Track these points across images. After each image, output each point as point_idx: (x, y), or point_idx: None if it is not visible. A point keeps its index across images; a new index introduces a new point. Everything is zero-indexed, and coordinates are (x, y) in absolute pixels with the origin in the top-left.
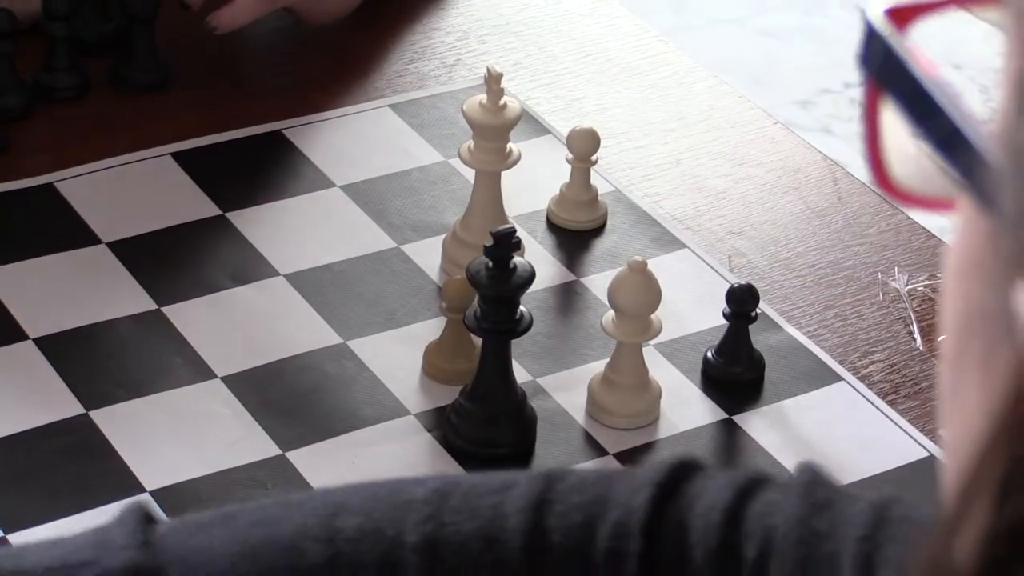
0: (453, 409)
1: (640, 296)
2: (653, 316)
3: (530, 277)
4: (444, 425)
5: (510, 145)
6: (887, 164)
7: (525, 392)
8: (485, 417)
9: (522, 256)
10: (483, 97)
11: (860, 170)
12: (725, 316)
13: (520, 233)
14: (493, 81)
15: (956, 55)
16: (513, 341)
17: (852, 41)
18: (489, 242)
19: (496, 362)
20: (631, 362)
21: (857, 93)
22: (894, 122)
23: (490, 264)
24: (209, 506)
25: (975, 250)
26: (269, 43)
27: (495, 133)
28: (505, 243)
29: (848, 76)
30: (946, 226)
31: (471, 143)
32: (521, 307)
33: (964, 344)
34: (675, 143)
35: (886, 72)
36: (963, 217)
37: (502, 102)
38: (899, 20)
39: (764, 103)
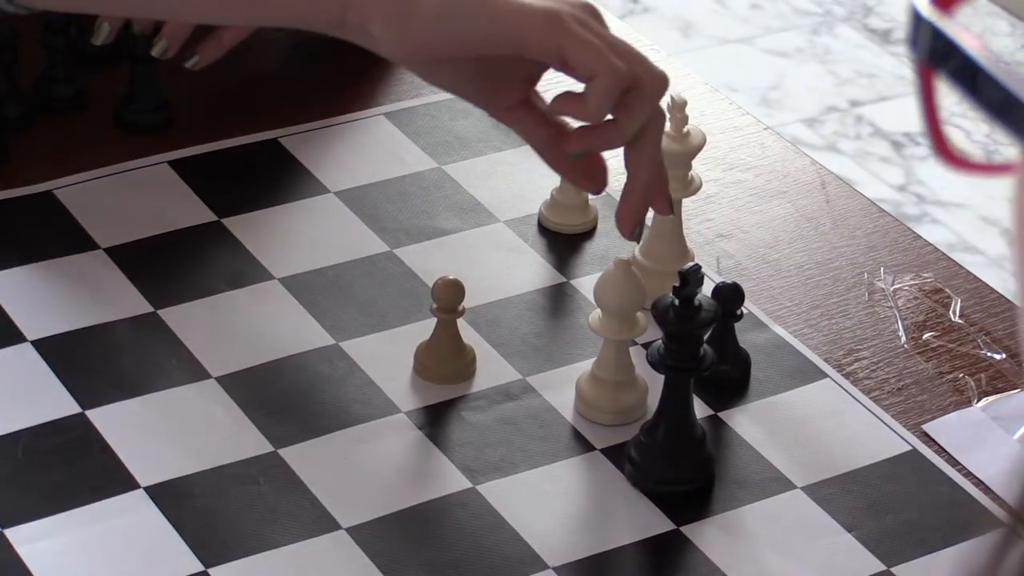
0: (633, 445)
1: (625, 294)
2: (639, 314)
3: (716, 316)
4: (624, 461)
5: (691, 172)
6: (946, 137)
7: (704, 430)
8: (666, 454)
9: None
10: (666, 125)
11: (865, 189)
12: None
13: (511, 236)
14: (677, 109)
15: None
16: (501, 340)
17: (858, 60)
18: (670, 268)
19: (678, 400)
20: (617, 359)
21: (863, 111)
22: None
23: (676, 302)
24: (203, 502)
25: None
26: (266, 53)
27: (679, 160)
28: (693, 280)
29: (854, 95)
30: (952, 242)
31: None
32: (704, 345)
33: None
34: None
35: (935, 52)
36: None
37: (685, 130)
38: (942, 6)
39: (771, 122)
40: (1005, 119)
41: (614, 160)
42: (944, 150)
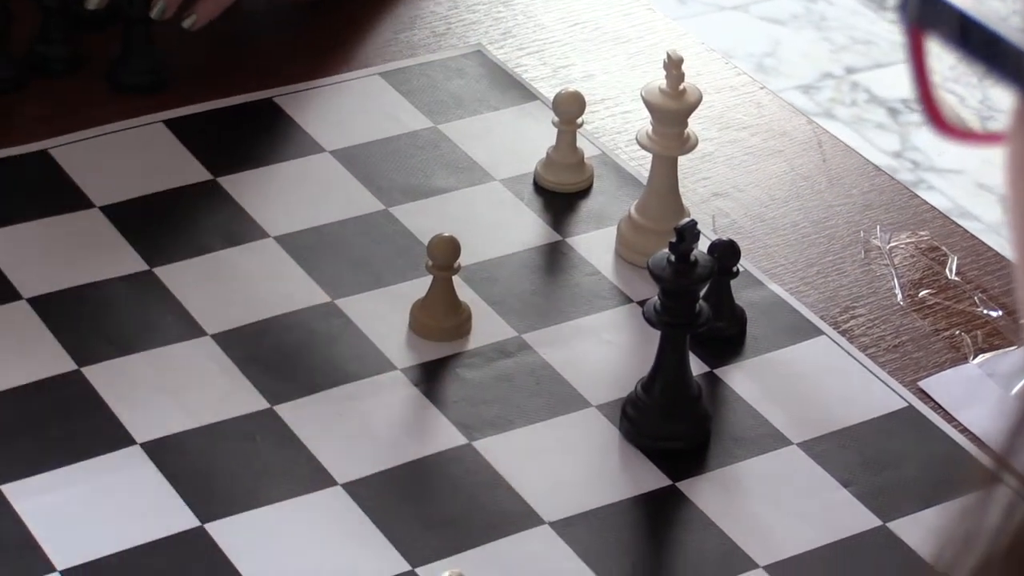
0: (629, 401)
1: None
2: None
3: (711, 271)
4: (621, 418)
5: (687, 130)
6: (939, 105)
7: (701, 387)
8: (662, 410)
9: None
10: (662, 82)
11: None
12: None
13: (507, 195)
14: (673, 67)
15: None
16: (497, 298)
17: (854, 27)
18: (666, 226)
19: (674, 356)
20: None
21: (858, 78)
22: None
23: (672, 258)
24: (199, 458)
25: None
26: (262, 13)
27: (675, 118)
28: (689, 236)
29: (850, 61)
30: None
31: (649, 128)
32: (700, 301)
33: None
34: None
35: (926, 13)
36: (1016, 125)
37: (681, 87)
38: None
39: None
40: (1000, 69)
41: (612, 120)
42: (937, 119)
